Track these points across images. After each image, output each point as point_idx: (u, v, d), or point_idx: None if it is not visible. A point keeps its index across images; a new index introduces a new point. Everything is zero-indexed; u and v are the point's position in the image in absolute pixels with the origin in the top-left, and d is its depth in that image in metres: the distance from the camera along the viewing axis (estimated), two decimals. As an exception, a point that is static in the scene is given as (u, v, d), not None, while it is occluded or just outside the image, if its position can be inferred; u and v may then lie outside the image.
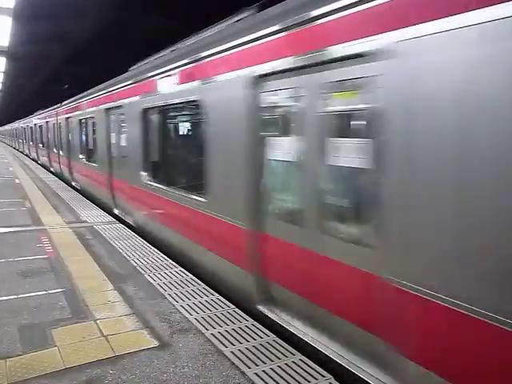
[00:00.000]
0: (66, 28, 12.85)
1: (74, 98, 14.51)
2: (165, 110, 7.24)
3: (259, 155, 4.26)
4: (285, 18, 3.72)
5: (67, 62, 17.45)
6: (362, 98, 3.30)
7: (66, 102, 16.04)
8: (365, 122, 3.33)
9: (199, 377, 3.22)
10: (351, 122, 3.66)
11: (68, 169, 15.42)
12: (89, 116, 11.87)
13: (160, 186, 6.95)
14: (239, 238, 4.48)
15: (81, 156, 13.23)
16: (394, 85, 2.69)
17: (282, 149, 4.07)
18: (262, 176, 4.27)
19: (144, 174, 7.55)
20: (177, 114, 7.93)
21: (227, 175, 4.77)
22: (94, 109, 11.18)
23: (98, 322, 4.14)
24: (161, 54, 7.48)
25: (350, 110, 3.60)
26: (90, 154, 12.36)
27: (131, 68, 9.08)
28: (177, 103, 6.33)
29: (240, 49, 4.39)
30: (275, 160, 4.18)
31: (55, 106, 18.38)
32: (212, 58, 4.99)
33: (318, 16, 3.30)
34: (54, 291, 4.90)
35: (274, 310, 4.17)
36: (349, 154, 3.30)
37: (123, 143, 8.87)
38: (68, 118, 14.90)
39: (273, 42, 3.87)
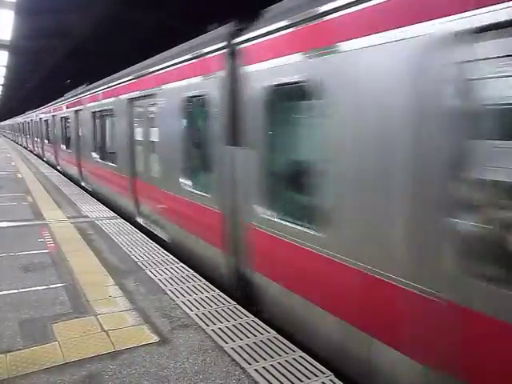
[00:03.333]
0: (68, 22, 12.79)
1: (87, 88, 12.82)
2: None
3: None
4: None
5: (69, 56, 17.39)
6: None
7: (75, 93, 14.48)
8: None
9: (199, 373, 3.22)
10: None
11: (78, 168, 13.91)
12: (106, 108, 10.26)
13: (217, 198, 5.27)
14: None
15: (94, 154, 11.70)
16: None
17: None
18: None
19: (186, 180, 6.14)
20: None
21: None
22: (113, 99, 9.60)
23: (98, 317, 4.14)
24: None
25: None
26: (105, 152, 10.95)
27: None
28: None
29: None
30: None
31: (64, 98, 16.84)
32: None
33: None
34: (55, 286, 4.90)
35: None
36: None
37: (155, 139, 7.28)
38: (79, 110, 13.31)
39: None
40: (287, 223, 4.05)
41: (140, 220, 8.26)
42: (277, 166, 4.47)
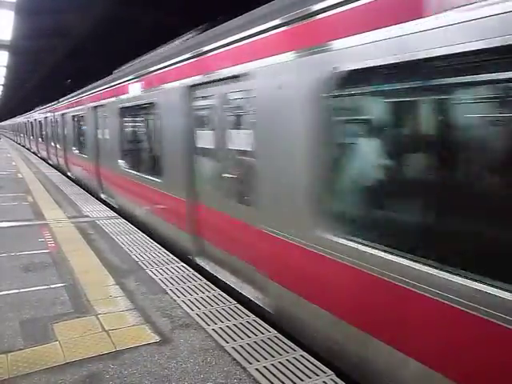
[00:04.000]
0: (67, 22, 12.80)
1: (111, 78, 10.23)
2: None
3: None
4: None
5: (69, 56, 17.40)
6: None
7: (92, 87, 11.84)
8: None
9: (200, 372, 3.22)
10: None
11: (96, 177, 11.50)
12: (142, 102, 7.66)
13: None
14: None
15: (122, 163, 9.01)
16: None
17: None
18: None
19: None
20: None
21: None
22: (156, 90, 6.83)
23: (99, 316, 4.14)
24: None
25: None
26: (139, 162, 8.52)
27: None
28: None
29: None
30: None
31: (77, 93, 14.03)
32: None
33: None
34: (55, 286, 4.90)
35: None
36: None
37: (247, 146, 4.59)
38: (98, 106, 10.93)
39: None
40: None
41: (205, 265, 5.60)
42: None
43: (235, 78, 4.60)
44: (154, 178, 7.07)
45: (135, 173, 8.23)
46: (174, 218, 6.41)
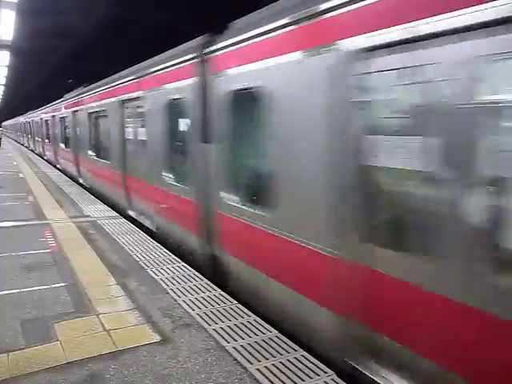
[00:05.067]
0: (69, 22, 12.80)
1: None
2: None
3: None
4: None
5: (71, 56, 17.42)
6: None
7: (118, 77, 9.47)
8: None
9: (201, 372, 3.22)
10: None
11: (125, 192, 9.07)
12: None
13: None
14: None
15: (167, 177, 6.75)
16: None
17: None
18: None
19: None
20: None
21: None
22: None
23: (100, 316, 4.14)
24: None
25: None
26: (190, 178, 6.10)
27: None
28: None
29: None
30: None
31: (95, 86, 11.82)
32: None
33: None
34: (56, 285, 4.90)
35: None
36: None
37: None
38: (126, 101, 8.70)
39: None
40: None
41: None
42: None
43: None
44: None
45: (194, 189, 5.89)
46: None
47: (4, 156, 25.21)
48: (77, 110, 13.86)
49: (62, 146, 17.35)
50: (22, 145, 41.83)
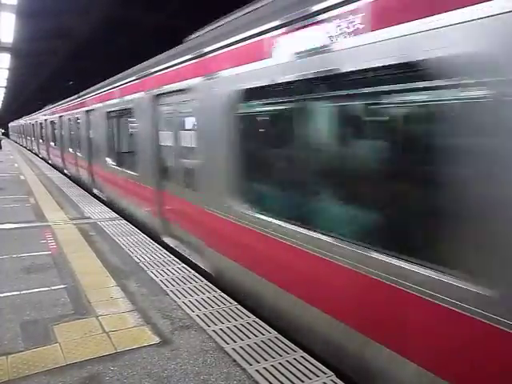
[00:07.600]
0: (69, 24, 12.84)
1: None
2: None
3: None
4: None
5: (71, 58, 17.45)
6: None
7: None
8: None
9: (200, 374, 3.22)
10: None
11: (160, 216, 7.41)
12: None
13: None
14: None
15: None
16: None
17: None
18: None
19: None
20: None
21: None
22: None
23: (99, 318, 4.14)
24: None
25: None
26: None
27: None
28: None
29: None
30: None
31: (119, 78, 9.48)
32: None
33: None
34: (56, 287, 4.91)
35: None
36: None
37: None
38: (161, 95, 6.78)
39: None
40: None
41: None
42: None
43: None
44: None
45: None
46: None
47: (5, 158, 25.25)
48: (92, 109, 11.73)
49: (69, 149, 15.86)
50: (25, 148, 41.38)
